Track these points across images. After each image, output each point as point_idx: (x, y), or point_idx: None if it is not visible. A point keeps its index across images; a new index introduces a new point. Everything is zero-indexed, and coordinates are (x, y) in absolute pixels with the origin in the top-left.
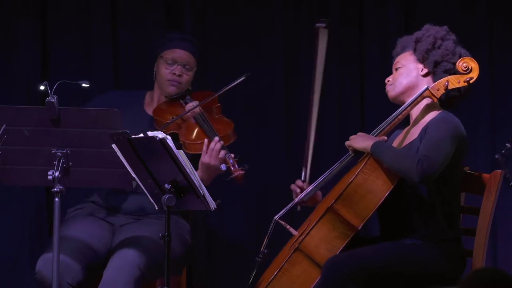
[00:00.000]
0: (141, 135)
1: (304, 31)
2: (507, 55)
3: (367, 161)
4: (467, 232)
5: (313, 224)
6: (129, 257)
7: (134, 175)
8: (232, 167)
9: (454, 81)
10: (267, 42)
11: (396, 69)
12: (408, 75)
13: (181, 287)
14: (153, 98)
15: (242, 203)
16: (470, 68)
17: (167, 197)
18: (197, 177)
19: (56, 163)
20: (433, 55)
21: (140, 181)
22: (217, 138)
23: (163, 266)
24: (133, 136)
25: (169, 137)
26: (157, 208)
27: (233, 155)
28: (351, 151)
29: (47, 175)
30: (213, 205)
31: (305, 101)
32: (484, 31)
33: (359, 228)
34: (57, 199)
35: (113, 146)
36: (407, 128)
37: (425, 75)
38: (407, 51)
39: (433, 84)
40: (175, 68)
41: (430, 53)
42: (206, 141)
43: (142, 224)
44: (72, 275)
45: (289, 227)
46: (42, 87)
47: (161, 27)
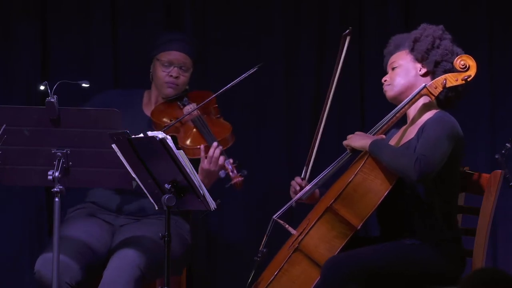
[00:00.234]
0: (141, 135)
1: (304, 31)
2: (507, 55)
3: (366, 160)
4: (467, 232)
5: (312, 223)
6: (129, 257)
7: (134, 175)
8: (231, 173)
9: (452, 79)
10: (267, 42)
11: (392, 69)
12: (406, 74)
13: (181, 287)
14: (151, 98)
15: (242, 203)
16: (467, 66)
17: (167, 197)
18: (197, 177)
19: (56, 163)
20: (433, 55)
21: (140, 181)
22: (215, 143)
23: (163, 266)
24: (133, 136)
25: (169, 137)
26: (157, 208)
27: (231, 161)
28: (349, 150)
29: (47, 175)
30: (213, 205)
31: (305, 101)
32: (484, 31)
33: (359, 227)
34: (57, 199)
35: (113, 146)
36: (404, 127)
37: (424, 75)
38: (402, 50)
39: (431, 82)
40: (172, 70)
41: (430, 53)
42: (203, 147)
43: (142, 224)
44: (71, 275)
45: (287, 226)
46: (42, 87)
47: (161, 27)
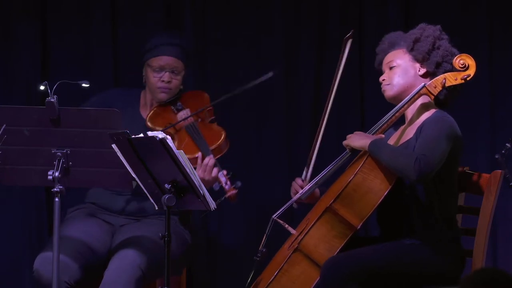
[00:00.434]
0: (141, 135)
1: (304, 31)
2: (507, 55)
3: (365, 160)
4: (467, 232)
5: (312, 223)
6: (130, 257)
7: (134, 175)
8: (225, 186)
9: (451, 78)
10: (267, 42)
11: (390, 68)
12: (405, 74)
13: (181, 287)
14: (147, 100)
15: (242, 203)
16: (467, 65)
17: (167, 197)
18: (197, 177)
19: (56, 163)
20: (434, 55)
21: (140, 181)
22: (209, 155)
23: (163, 266)
24: (133, 136)
25: (169, 137)
26: (157, 208)
27: (225, 172)
28: (348, 150)
29: (47, 175)
30: (213, 205)
31: (305, 101)
32: (484, 31)
33: (358, 227)
34: (57, 199)
35: (113, 146)
36: (403, 127)
37: (424, 75)
38: (398, 48)
39: (430, 81)
40: (164, 75)
41: (431, 53)
42: (200, 155)
43: (142, 224)
44: (69, 274)
45: (287, 226)
46: (42, 87)
47: (161, 27)
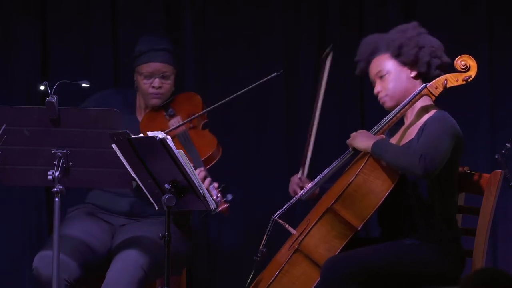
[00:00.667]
0: (141, 135)
1: (304, 31)
2: (507, 55)
3: (366, 161)
4: (467, 232)
5: (313, 224)
6: (132, 258)
7: (134, 175)
8: (217, 199)
9: (452, 79)
10: (267, 42)
11: (381, 77)
12: (398, 80)
13: (181, 287)
14: (141, 103)
15: (242, 203)
16: (468, 66)
17: (167, 197)
18: (197, 177)
19: (56, 163)
20: (422, 56)
21: (140, 181)
22: (200, 167)
23: (164, 266)
24: (133, 136)
25: (169, 137)
26: (157, 208)
27: (216, 185)
28: (351, 149)
29: (47, 175)
30: (213, 205)
31: (305, 101)
32: (484, 31)
33: (359, 228)
34: (57, 199)
35: (113, 146)
36: (403, 127)
37: (416, 77)
38: (380, 54)
39: (431, 82)
40: (154, 81)
41: (418, 55)
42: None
43: (142, 224)
44: (69, 273)
45: (287, 226)
46: (42, 87)
47: (161, 27)
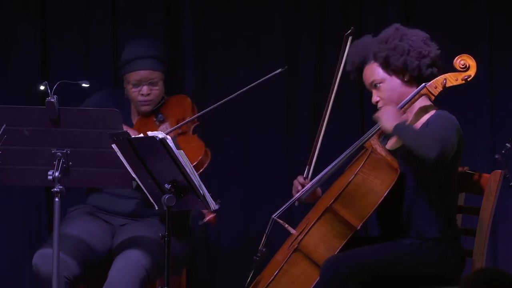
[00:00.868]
0: (141, 135)
1: (304, 31)
2: (507, 55)
3: (365, 160)
4: (467, 232)
5: (312, 223)
6: (134, 258)
7: (134, 175)
8: (204, 210)
9: (452, 79)
10: (267, 42)
11: (375, 86)
12: (393, 87)
13: (181, 287)
14: (133, 108)
15: (241, 203)
16: (467, 65)
17: (167, 197)
18: (197, 177)
19: (56, 163)
20: (410, 62)
21: (140, 181)
22: None
23: (165, 266)
24: (133, 136)
25: (169, 137)
26: (157, 208)
27: None
28: (378, 123)
29: (47, 175)
30: (213, 205)
31: (305, 101)
32: (484, 31)
33: (358, 228)
34: (57, 199)
35: (113, 146)
36: None
37: (410, 81)
38: (370, 63)
39: (431, 82)
40: (142, 88)
41: (407, 62)
42: None
43: (142, 224)
44: (68, 270)
45: (287, 225)
46: (42, 87)
47: (161, 27)
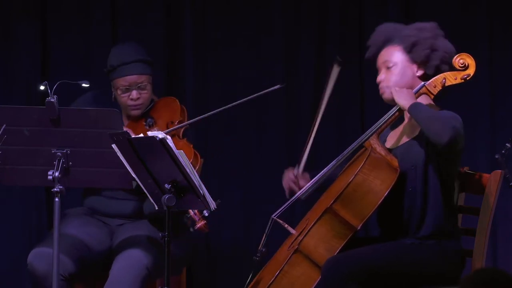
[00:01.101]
0: (141, 135)
1: (304, 31)
2: (507, 55)
3: (365, 160)
4: (467, 232)
5: (312, 224)
6: (135, 257)
7: (134, 175)
8: (195, 217)
9: (451, 78)
10: (267, 42)
11: (387, 67)
12: (403, 75)
13: (181, 287)
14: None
15: (241, 203)
16: (467, 64)
17: (167, 197)
18: (197, 177)
19: (56, 163)
20: (433, 59)
21: (140, 181)
22: None
23: (165, 265)
24: (133, 136)
25: (169, 137)
26: (157, 208)
27: None
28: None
29: (47, 175)
30: (213, 205)
31: (305, 101)
32: (484, 31)
33: (358, 228)
34: (57, 199)
35: (113, 146)
36: (404, 124)
37: (421, 77)
38: (393, 45)
39: (430, 81)
40: (131, 93)
41: (429, 57)
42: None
43: (141, 224)
44: (64, 268)
45: (287, 225)
46: (42, 87)
47: (161, 27)
